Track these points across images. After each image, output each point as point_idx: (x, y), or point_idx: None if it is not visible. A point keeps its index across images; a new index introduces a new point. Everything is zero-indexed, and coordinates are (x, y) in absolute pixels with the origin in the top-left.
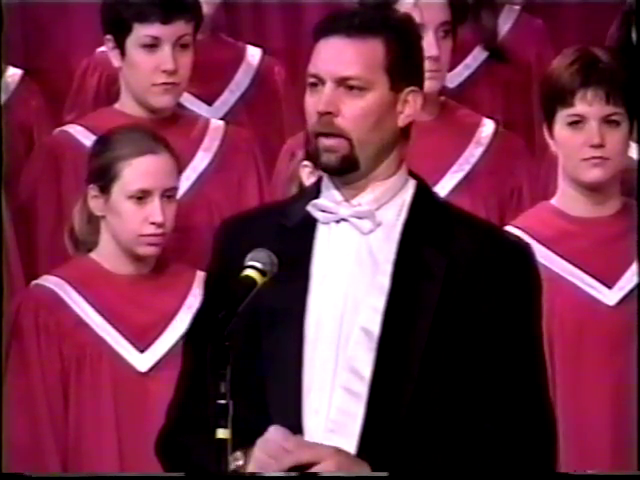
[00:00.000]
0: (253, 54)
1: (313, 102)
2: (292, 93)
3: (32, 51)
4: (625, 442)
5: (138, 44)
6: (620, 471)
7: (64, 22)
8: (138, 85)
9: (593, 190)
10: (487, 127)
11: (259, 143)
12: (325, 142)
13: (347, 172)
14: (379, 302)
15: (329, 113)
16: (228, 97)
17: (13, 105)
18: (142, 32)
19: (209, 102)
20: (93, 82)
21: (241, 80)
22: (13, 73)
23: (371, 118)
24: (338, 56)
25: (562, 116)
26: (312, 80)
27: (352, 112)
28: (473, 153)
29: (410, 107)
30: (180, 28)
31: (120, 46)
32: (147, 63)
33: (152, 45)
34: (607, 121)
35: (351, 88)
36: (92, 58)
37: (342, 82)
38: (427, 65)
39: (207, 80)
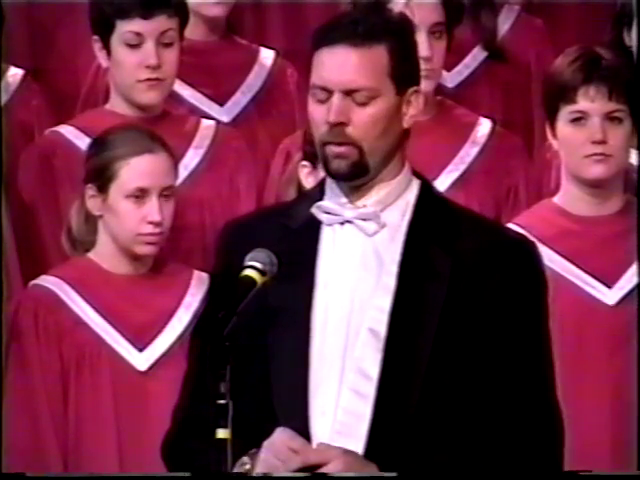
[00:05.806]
0: (266, 56)
1: (321, 112)
2: (305, 95)
3: (37, 51)
4: (625, 441)
5: (121, 41)
6: (620, 470)
7: (69, 22)
8: (123, 82)
9: (596, 187)
10: (483, 126)
11: (270, 145)
12: (335, 149)
13: (357, 177)
14: (385, 302)
15: (340, 123)
16: (240, 98)
17: (14, 105)
18: (124, 29)
19: (221, 103)
20: (104, 82)
21: (253, 82)
22: (14, 73)
23: (380, 125)
24: (345, 67)
25: (565, 113)
26: (318, 91)
27: (362, 121)
28: (469, 152)
29: (414, 107)
30: (162, 23)
31: (106, 45)
32: (131, 60)
33: (135, 41)
34: (609, 118)
35: (360, 97)
36: None
37: (350, 93)
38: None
39: (219, 81)
